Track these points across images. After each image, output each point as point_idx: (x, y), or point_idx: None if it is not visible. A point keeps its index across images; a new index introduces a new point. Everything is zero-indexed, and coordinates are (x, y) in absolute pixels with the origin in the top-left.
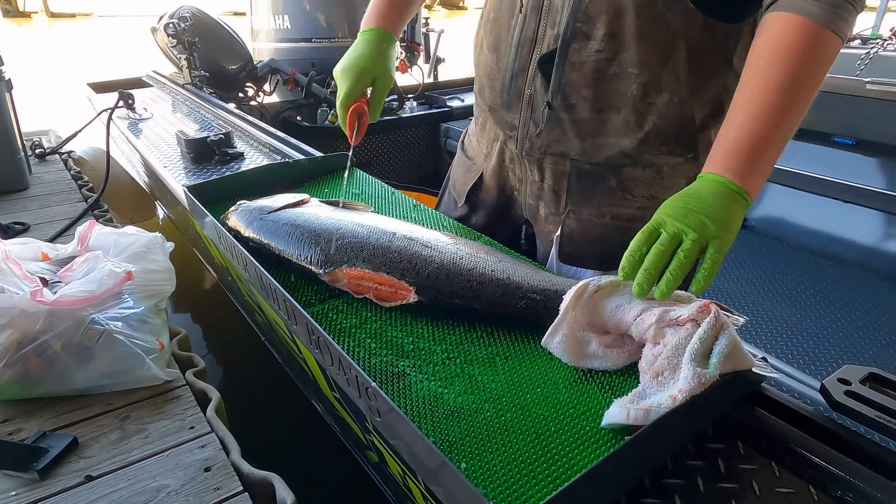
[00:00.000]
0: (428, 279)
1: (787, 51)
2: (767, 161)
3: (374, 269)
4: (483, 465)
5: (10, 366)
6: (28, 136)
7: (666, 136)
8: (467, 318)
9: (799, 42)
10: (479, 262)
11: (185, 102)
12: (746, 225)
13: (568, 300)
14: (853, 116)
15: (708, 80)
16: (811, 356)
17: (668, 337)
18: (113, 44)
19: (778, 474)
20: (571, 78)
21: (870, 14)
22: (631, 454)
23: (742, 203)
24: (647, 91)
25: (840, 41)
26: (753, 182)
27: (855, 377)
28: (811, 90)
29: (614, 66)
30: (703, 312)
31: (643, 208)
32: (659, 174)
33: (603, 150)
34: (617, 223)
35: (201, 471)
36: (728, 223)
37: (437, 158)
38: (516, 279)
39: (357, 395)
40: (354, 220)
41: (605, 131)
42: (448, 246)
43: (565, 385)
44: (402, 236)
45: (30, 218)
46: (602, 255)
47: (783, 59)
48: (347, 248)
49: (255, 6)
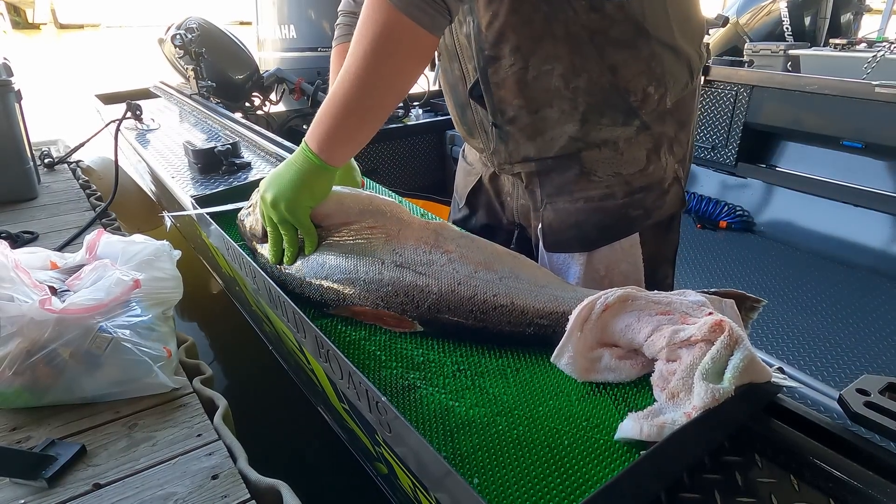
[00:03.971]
0: (429, 311)
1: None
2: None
3: (373, 305)
4: (496, 481)
5: (19, 374)
6: (37, 146)
7: (601, 109)
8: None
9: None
10: (478, 285)
11: (192, 113)
12: (754, 230)
13: (573, 321)
14: (862, 120)
15: (623, 53)
16: (823, 362)
17: (682, 357)
18: (121, 54)
19: (797, 488)
20: (501, 96)
21: (875, 17)
22: (647, 469)
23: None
24: (567, 78)
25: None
26: (326, 145)
27: (874, 387)
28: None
29: (530, 70)
30: (715, 331)
31: (610, 185)
32: (616, 151)
33: (555, 142)
34: (590, 205)
35: (209, 478)
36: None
37: (442, 166)
38: (520, 303)
39: (367, 409)
40: (336, 246)
41: (548, 126)
42: (444, 267)
43: (578, 397)
44: (391, 264)
45: (39, 227)
46: (582, 237)
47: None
48: (338, 289)
49: (261, 16)
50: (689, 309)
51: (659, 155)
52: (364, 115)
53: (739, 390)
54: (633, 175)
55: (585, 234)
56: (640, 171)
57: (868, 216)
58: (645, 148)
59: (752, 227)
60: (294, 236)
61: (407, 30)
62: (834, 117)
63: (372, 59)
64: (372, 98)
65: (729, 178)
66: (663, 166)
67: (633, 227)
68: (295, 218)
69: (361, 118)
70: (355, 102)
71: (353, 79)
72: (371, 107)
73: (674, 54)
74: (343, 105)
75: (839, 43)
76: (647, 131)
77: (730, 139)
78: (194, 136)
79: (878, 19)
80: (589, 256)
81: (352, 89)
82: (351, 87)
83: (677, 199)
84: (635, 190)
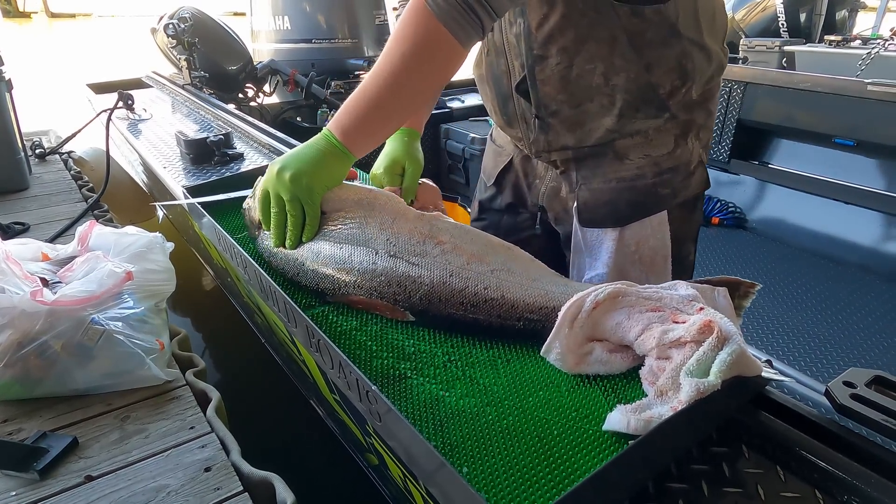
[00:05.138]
0: (421, 302)
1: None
2: (369, 121)
3: (367, 295)
4: (485, 470)
5: (10, 366)
6: (28, 137)
7: (637, 105)
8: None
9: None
10: (470, 277)
11: (184, 103)
12: (747, 226)
13: (561, 318)
14: (854, 117)
15: (659, 53)
16: (812, 358)
17: (672, 356)
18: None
19: (783, 478)
20: (545, 92)
21: (870, 14)
22: (635, 458)
23: (338, 155)
24: (607, 76)
25: (450, 37)
26: (351, 135)
27: (860, 380)
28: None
29: (574, 69)
30: (704, 332)
31: (640, 167)
32: (646, 138)
33: (593, 133)
34: (622, 184)
35: (201, 471)
36: (313, 179)
37: (437, 159)
38: (510, 297)
39: (357, 399)
40: (331, 235)
41: (588, 119)
42: (436, 258)
43: (568, 388)
44: (385, 255)
45: (30, 218)
46: (615, 214)
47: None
48: (334, 278)
49: (255, 7)
50: (680, 304)
51: (686, 140)
52: (391, 112)
53: (727, 383)
54: (661, 157)
55: (618, 210)
56: (668, 154)
57: (859, 213)
58: (673, 134)
59: (745, 223)
60: (300, 217)
61: (444, 40)
62: (826, 115)
63: (408, 62)
64: (401, 98)
65: (721, 175)
66: (690, 150)
67: (662, 205)
68: (310, 196)
69: (388, 115)
70: (385, 99)
71: (388, 77)
72: (398, 107)
73: (702, 51)
74: (374, 100)
75: (834, 40)
76: (675, 120)
77: (723, 136)
78: (186, 127)
79: (872, 16)
80: (621, 232)
81: (384, 87)
82: (384, 85)
83: (702, 180)
84: (664, 171)
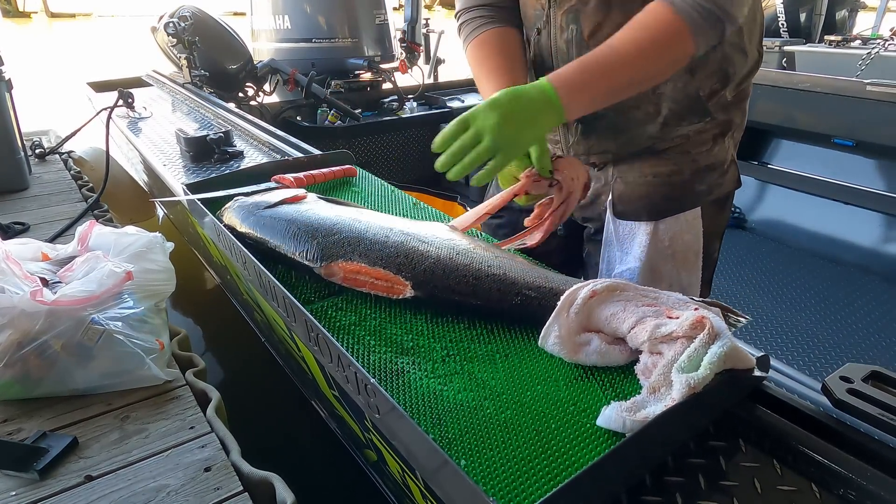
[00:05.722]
0: (424, 274)
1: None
2: (595, 88)
3: (371, 263)
4: (483, 463)
5: (10, 366)
6: (28, 136)
7: (681, 114)
8: (465, 314)
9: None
10: (475, 257)
11: (184, 102)
12: (746, 226)
13: (562, 303)
14: (853, 118)
15: (704, 58)
16: (811, 357)
17: (664, 352)
18: (113, 44)
19: (780, 472)
20: None
21: (870, 14)
22: (631, 452)
23: (551, 110)
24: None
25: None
26: (574, 95)
27: (857, 375)
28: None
29: None
30: (696, 328)
31: (678, 163)
32: (686, 139)
33: (636, 140)
34: (659, 179)
35: (201, 471)
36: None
37: (436, 159)
38: (512, 275)
39: (356, 392)
40: (352, 215)
41: (632, 125)
42: (445, 242)
43: (566, 382)
44: (399, 231)
45: (30, 218)
46: (651, 207)
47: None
48: (344, 242)
49: (255, 6)
50: (675, 304)
51: (724, 139)
52: (613, 87)
53: (720, 377)
54: (700, 154)
55: (654, 204)
56: (706, 151)
57: (858, 214)
58: (712, 133)
59: (744, 223)
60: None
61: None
62: (825, 115)
63: (646, 50)
64: (628, 76)
65: None
66: (726, 148)
67: (697, 201)
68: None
69: (610, 88)
70: (614, 73)
71: (624, 56)
72: (622, 85)
73: (741, 54)
74: (605, 68)
75: (834, 40)
76: (714, 121)
77: None
78: (187, 125)
79: (872, 16)
80: (655, 226)
81: (617, 62)
82: (617, 60)
83: (734, 178)
84: (701, 169)
